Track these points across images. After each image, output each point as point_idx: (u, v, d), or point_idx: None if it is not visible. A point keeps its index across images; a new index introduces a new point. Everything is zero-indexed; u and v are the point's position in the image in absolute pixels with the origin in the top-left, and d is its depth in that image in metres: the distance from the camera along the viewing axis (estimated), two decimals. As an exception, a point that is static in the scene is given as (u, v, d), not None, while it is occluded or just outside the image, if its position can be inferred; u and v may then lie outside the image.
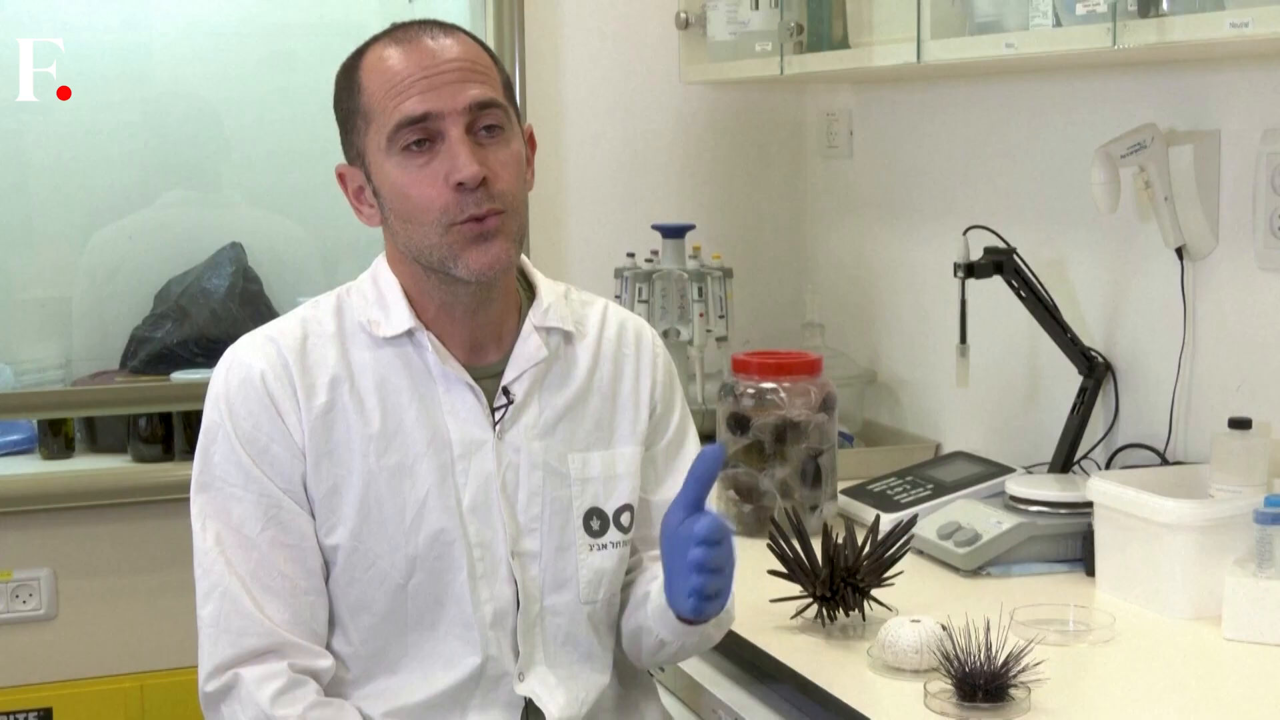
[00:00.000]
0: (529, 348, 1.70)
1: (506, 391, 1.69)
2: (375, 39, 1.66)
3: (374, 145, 1.62)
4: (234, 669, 1.59)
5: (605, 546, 1.72)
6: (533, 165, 1.71)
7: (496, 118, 1.62)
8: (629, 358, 1.78)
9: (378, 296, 1.69)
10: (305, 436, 1.63)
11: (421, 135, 1.59)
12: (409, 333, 1.67)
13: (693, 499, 1.58)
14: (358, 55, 1.66)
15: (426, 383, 1.67)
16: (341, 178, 1.70)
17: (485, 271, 1.61)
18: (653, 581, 1.72)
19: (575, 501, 1.71)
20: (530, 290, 1.75)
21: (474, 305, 1.67)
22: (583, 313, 1.78)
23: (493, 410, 1.68)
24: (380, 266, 1.71)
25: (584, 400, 1.73)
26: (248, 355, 1.65)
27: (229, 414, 1.63)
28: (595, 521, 1.72)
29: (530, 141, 1.71)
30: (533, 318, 1.72)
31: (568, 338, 1.74)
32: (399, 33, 1.65)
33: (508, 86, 1.67)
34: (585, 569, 1.71)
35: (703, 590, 1.57)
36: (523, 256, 1.73)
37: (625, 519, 1.74)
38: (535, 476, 1.69)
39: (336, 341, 1.67)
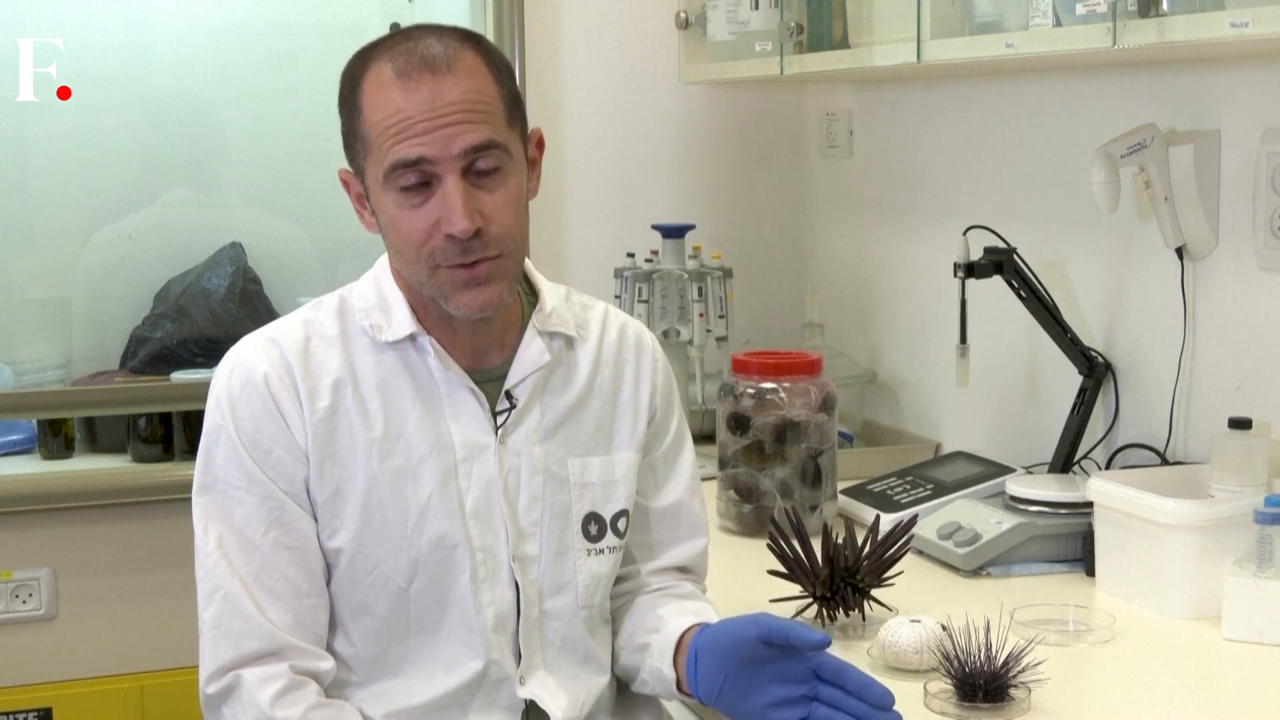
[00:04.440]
0: (532, 352, 1.69)
1: (509, 396, 1.69)
2: (379, 51, 1.60)
3: (371, 174, 1.60)
4: (235, 670, 1.59)
5: (602, 551, 1.72)
6: (539, 169, 1.69)
7: (496, 158, 1.58)
8: (629, 363, 1.77)
9: (379, 300, 1.68)
10: (309, 439, 1.62)
11: (417, 178, 1.56)
12: (411, 337, 1.66)
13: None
14: (361, 65, 1.60)
15: (429, 387, 1.66)
16: (345, 183, 1.68)
17: (476, 313, 1.61)
18: (653, 634, 1.70)
19: (574, 506, 1.70)
20: (532, 292, 1.75)
21: (475, 314, 1.67)
22: (584, 316, 1.77)
23: (495, 414, 1.68)
24: (382, 269, 1.71)
25: (584, 405, 1.73)
26: (250, 357, 1.64)
27: (232, 416, 1.62)
28: (593, 526, 1.72)
29: (539, 144, 1.69)
30: (536, 322, 1.71)
31: (569, 342, 1.74)
32: (401, 55, 1.57)
33: (513, 104, 1.62)
34: (583, 574, 1.70)
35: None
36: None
37: (622, 524, 1.74)
38: (536, 481, 1.68)
39: (339, 344, 1.66)
